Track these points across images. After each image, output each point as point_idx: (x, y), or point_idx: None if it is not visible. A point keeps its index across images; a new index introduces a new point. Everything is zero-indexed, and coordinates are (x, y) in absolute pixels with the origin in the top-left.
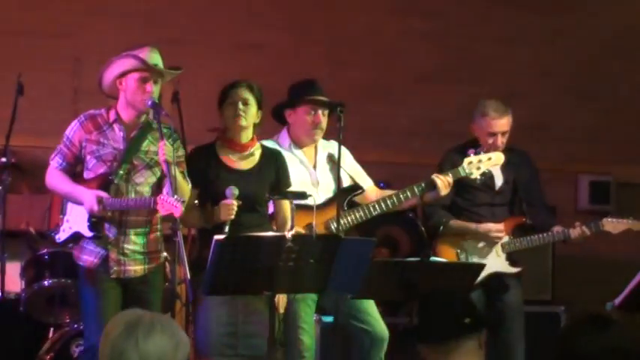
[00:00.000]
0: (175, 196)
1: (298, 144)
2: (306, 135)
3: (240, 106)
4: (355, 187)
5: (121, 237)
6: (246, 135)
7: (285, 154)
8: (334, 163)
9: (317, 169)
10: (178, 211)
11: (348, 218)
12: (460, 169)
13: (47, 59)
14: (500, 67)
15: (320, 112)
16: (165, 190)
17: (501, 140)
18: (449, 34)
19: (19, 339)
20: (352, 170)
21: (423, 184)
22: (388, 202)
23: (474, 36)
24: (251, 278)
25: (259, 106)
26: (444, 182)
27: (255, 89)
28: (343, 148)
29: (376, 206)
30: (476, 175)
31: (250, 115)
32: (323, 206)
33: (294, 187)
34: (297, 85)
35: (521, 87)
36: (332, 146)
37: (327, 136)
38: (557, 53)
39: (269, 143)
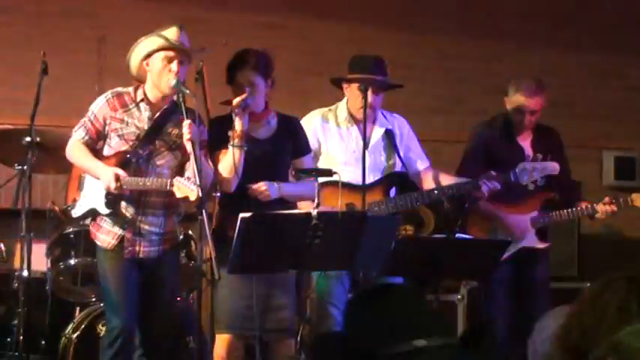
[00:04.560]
0: (192, 180)
1: (352, 119)
2: (357, 112)
3: (248, 91)
4: (402, 175)
5: (139, 217)
6: (258, 106)
7: (336, 129)
8: (390, 141)
9: (369, 148)
10: (194, 194)
11: (394, 204)
12: (510, 174)
13: (71, 39)
14: (523, 44)
15: (370, 90)
16: (186, 174)
17: (529, 119)
18: (472, 8)
19: (45, 318)
20: (407, 150)
21: (472, 183)
22: (433, 195)
23: (496, 12)
24: (277, 256)
25: (267, 77)
26: (490, 189)
27: (260, 65)
28: (405, 127)
29: (422, 197)
30: (526, 182)
31: (258, 94)
32: (369, 187)
33: (338, 164)
34: (356, 60)
35: (545, 64)
36: (394, 122)
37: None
38: (581, 29)
39: (322, 111)
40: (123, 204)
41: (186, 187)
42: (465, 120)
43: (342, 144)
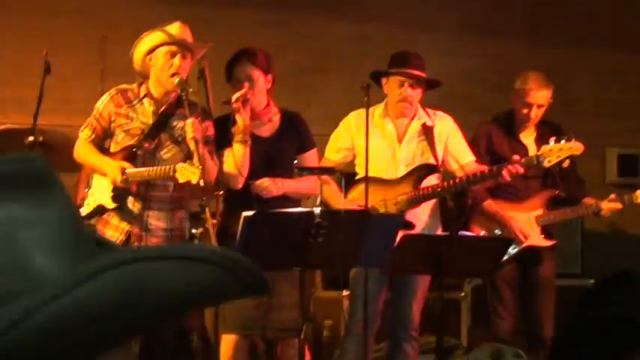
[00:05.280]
0: (195, 164)
1: (390, 114)
2: (395, 107)
3: (247, 85)
4: (431, 168)
5: (146, 212)
6: (260, 104)
7: (371, 124)
8: (427, 136)
9: (403, 143)
10: (196, 176)
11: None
12: (534, 157)
13: (73, 38)
14: (527, 41)
15: (408, 85)
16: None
17: (535, 113)
18: (477, 5)
19: None
20: (448, 145)
21: (495, 170)
22: (464, 182)
23: (500, 9)
24: (280, 254)
25: (267, 72)
26: (511, 172)
27: (257, 59)
28: (449, 125)
29: (445, 188)
30: (550, 163)
31: (258, 90)
32: (398, 182)
33: (371, 158)
34: (396, 55)
35: (550, 61)
36: (436, 119)
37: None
38: (586, 26)
39: (360, 110)
40: (130, 199)
41: (188, 171)
42: (470, 118)
43: (377, 139)
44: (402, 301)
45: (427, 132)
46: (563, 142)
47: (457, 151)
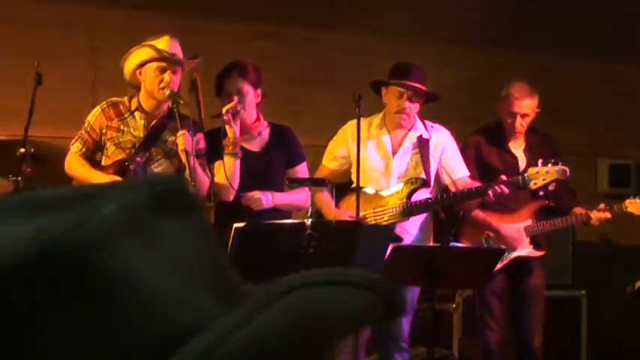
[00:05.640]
0: (186, 177)
1: (387, 126)
2: (392, 119)
3: (236, 98)
4: (420, 182)
5: None
6: (250, 118)
7: (367, 135)
8: (422, 149)
9: (396, 155)
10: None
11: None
12: (519, 178)
13: (64, 49)
14: (517, 51)
15: (406, 97)
16: None
17: (520, 122)
18: (467, 16)
19: None
20: (443, 159)
21: (481, 189)
22: (452, 199)
23: (490, 19)
24: (271, 266)
25: (257, 87)
26: (495, 192)
27: (248, 72)
28: (445, 138)
29: (435, 202)
30: (534, 187)
31: (248, 103)
32: (389, 194)
33: (367, 170)
34: (397, 66)
35: (540, 71)
36: (433, 132)
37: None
38: (574, 36)
39: (362, 121)
40: None
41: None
42: (459, 128)
43: (371, 150)
44: None
45: (422, 145)
46: (550, 165)
47: (451, 166)
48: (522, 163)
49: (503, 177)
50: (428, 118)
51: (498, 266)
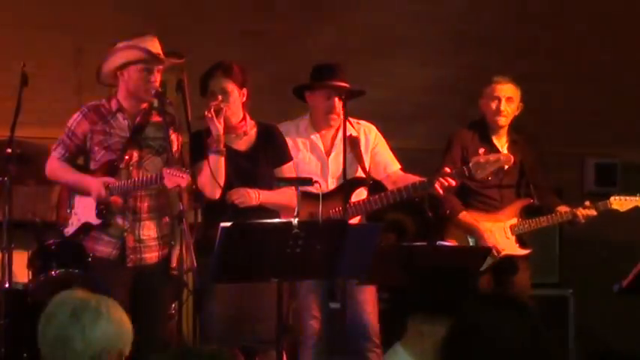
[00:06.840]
0: (182, 168)
1: (316, 127)
2: (322, 119)
3: (220, 97)
4: (361, 181)
5: (137, 223)
6: (235, 117)
7: (298, 138)
8: (353, 147)
9: (330, 156)
10: (185, 181)
11: (351, 211)
12: (464, 168)
13: (49, 50)
14: (503, 50)
15: (336, 97)
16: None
17: (505, 106)
18: (452, 15)
19: (27, 330)
20: (375, 155)
21: (426, 182)
22: (396, 195)
23: (476, 19)
24: (258, 265)
25: (242, 86)
26: (443, 185)
27: (233, 72)
28: (372, 132)
29: (376, 201)
30: (480, 176)
31: (232, 102)
32: (328, 196)
33: (301, 173)
34: (318, 68)
35: (526, 70)
36: (360, 128)
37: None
38: (560, 35)
39: (288, 124)
40: (118, 213)
41: (176, 176)
42: (446, 127)
43: (304, 153)
44: (357, 312)
45: (353, 143)
46: (491, 155)
47: (383, 161)
48: None
49: (447, 169)
50: (419, 118)
51: (485, 265)
